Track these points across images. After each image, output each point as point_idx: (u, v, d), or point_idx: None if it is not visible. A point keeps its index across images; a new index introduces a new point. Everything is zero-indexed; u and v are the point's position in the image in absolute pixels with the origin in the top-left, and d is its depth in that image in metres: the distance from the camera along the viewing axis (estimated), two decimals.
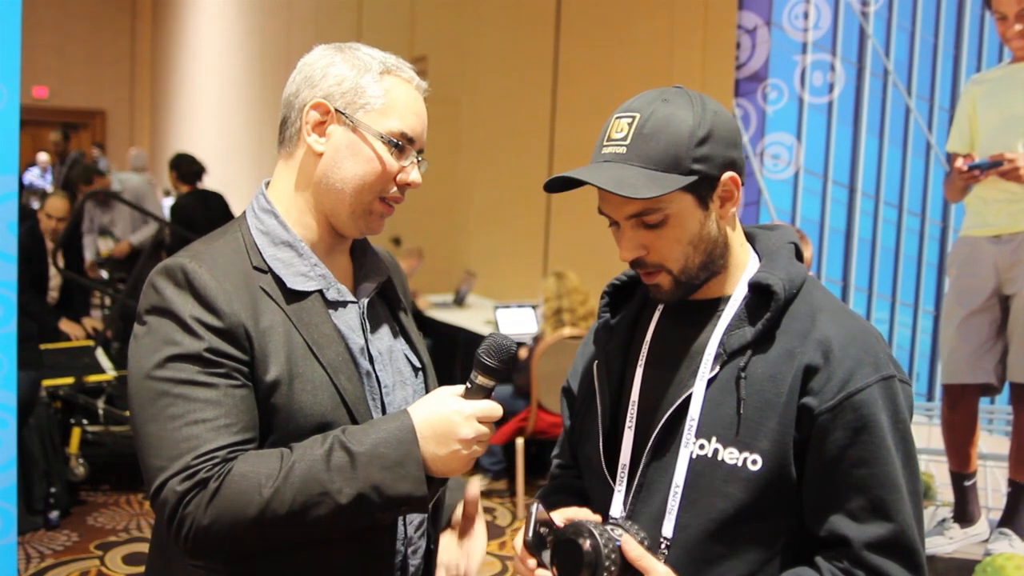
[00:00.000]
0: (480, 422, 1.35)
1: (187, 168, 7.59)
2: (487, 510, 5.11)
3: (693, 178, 1.32)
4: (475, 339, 5.87)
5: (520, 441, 5.06)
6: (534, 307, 5.95)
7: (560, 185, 1.37)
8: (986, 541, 2.73)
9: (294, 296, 1.44)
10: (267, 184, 1.53)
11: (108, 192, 7.24)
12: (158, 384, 1.33)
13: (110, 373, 5.08)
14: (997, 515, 2.72)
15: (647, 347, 1.46)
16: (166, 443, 1.31)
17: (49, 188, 10.71)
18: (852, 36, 2.90)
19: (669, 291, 1.39)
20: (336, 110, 1.44)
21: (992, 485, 2.71)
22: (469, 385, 1.38)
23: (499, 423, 4.93)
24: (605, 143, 1.36)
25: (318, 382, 1.40)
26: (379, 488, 1.31)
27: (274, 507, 1.29)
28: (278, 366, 1.37)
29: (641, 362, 1.46)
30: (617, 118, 1.36)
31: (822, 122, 2.91)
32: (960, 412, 2.73)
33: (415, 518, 1.54)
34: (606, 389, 1.47)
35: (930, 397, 2.82)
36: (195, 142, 14.51)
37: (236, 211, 7.18)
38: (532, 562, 1.30)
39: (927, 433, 2.79)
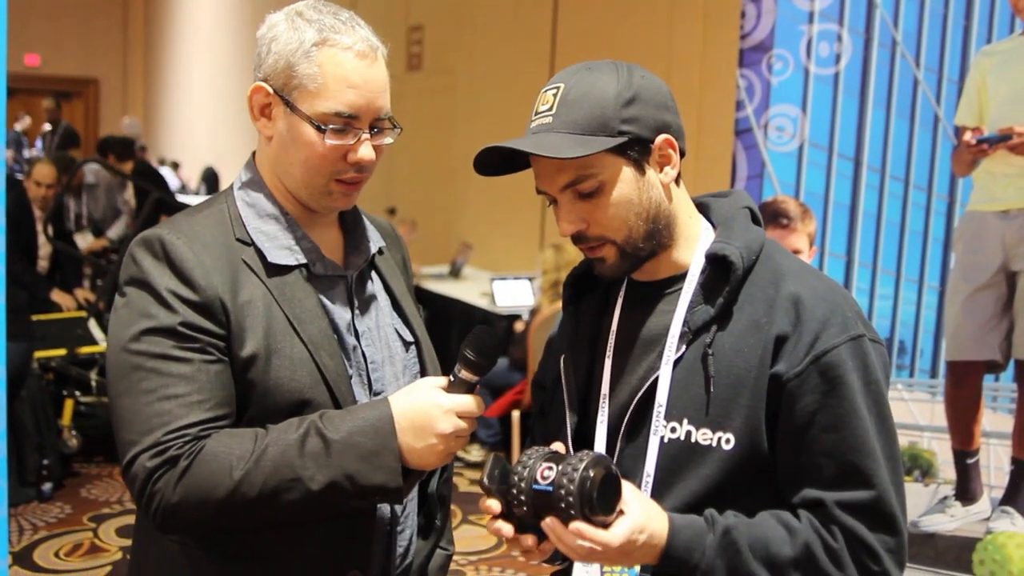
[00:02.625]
0: (460, 417, 1.31)
1: (120, 147, 7.50)
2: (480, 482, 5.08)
3: (622, 139, 1.28)
4: (470, 311, 5.84)
5: (516, 414, 5.04)
6: (530, 279, 5.91)
7: (490, 164, 1.35)
8: (988, 519, 2.69)
9: (277, 270, 1.39)
10: (254, 156, 1.48)
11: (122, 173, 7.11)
12: (133, 357, 1.29)
13: (103, 344, 5.04)
14: (999, 493, 2.69)
15: (613, 337, 1.42)
16: (138, 417, 1.28)
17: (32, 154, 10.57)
18: (860, 6, 2.83)
19: (615, 264, 1.34)
20: (274, 92, 1.38)
21: (995, 463, 2.67)
22: (452, 378, 1.34)
23: (496, 395, 4.85)
24: (533, 117, 1.34)
25: (297, 358, 1.35)
26: (353, 477, 1.27)
27: (244, 490, 1.26)
28: (255, 341, 1.33)
29: (609, 353, 1.41)
30: (543, 92, 1.34)
31: (828, 94, 2.84)
32: (964, 389, 2.68)
33: None
34: (572, 382, 1.43)
35: (934, 374, 2.77)
36: (188, 112, 14.40)
37: (228, 182, 7.08)
38: (494, 504, 1.25)
39: (930, 410, 2.74)
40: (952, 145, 2.75)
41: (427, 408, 1.31)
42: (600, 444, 1.38)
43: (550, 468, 1.16)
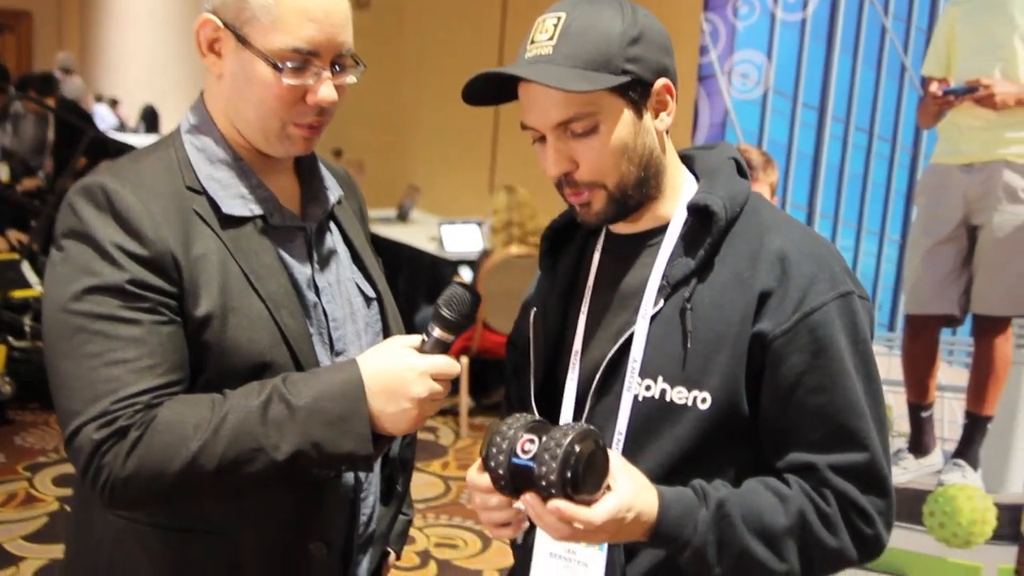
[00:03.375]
0: (435, 380, 1.24)
1: (40, 83, 7.18)
2: (430, 429, 5.05)
3: (626, 79, 1.22)
4: (418, 256, 5.75)
5: (465, 360, 5.00)
6: (479, 224, 5.83)
7: (476, 93, 1.27)
8: (939, 472, 2.72)
9: (231, 221, 1.29)
10: (203, 95, 1.37)
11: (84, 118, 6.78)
12: (75, 318, 1.18)
13: (36, 288, 4.85)
14: (951, 447, 2.72)
15: (589, 291, 1.36)
16: (82, 384, 1.18)
17: None
18: None
19: (600, 211, 1.28)
20: (225, 25, 1.26)
21: (948, 416, 2.69)
22: (425, 338, 1.26)
23: None
24: (529, 45, 1.25)
25: (256, 317, 1.26)
26: (320, 445, 1.19)
27: (202, 462, 1.17)
28: (210, 299, 1.23)
29: (583, 307, 1.36)
30: (541, 20, 1.25)
31: (794, 40, 2.78)
32: (921, 343, 2.69)
33: None
34: (540, 337, 1.37)
35: (892, 327, 2.77)
36: (128, 46, 13.85)
37: (172, 125, 6.84)
38: (482, 480, 1.18)
39: (887, 363, 2.75)
40: (918, 96, 2.71)
41: (400, 370, 1.23)
42: (569, 401, 1.33)
43: (532, 441, 1.09)
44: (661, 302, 1.26)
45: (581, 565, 1.28)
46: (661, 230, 1.31)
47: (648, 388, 1.25)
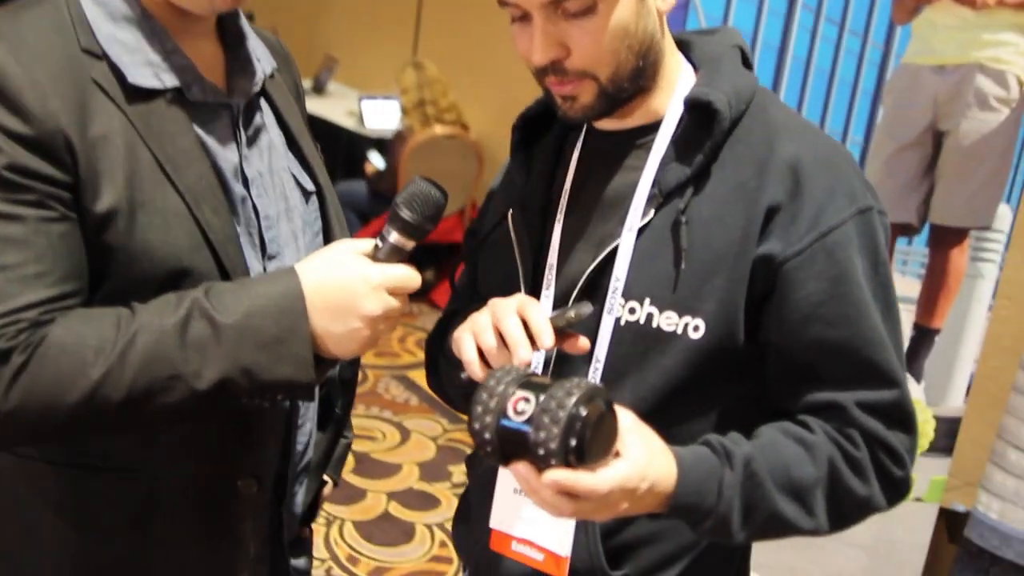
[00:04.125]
0: (391, 294, 1.04)
1: None
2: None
3: None
4: (336, 132, 5.45)
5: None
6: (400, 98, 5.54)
7: None
8: None
9: (139, 95, 1.04)
10: None
11: None
12: None
13: None
14: None
15: (566, 195, 1.18)
16: None
17: None
18: None
19: (588, 105, 1.10)
20: None
21: None
22: (380, 244, 1.06)
23: (363, 221, 4.45)
24: None
25: (171, 214, 1.04)
26: (251, 371, 0.99)
27: (105, 392, 0.96)
28: (114, 191, 1.00)
29: (560, 213, 1.18)
30: None
31: None
32: None
33: None
34: (526, 244, 1.18)
35: None
36: None
37: None
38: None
39: None
40: None
41: (350, 283, 1.02)
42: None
43: (526, 399, 0.89)
44: (651, 213, 1.10)
45: None
46: (652, 128, 1.13)
47: (632, 312, 1.09)
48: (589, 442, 0.86)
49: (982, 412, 2.41)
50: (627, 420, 0.94)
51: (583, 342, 1.05)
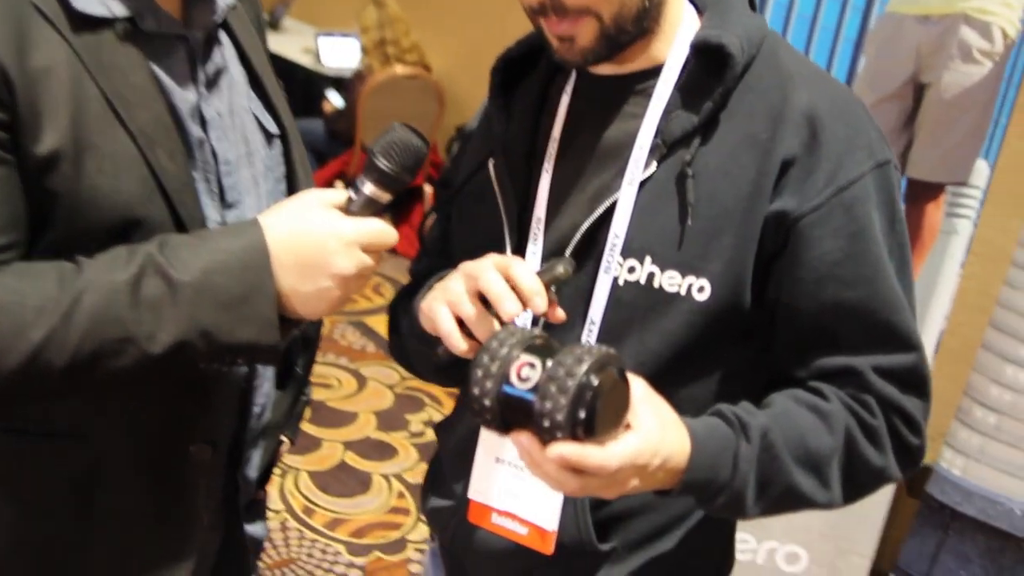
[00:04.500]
0: (365, 251, 0.95)
1: None
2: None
3: None
4: (291, 70, 5.26)
5: (340, 184, 4.68)
6: (359, 37, 5.36)
7: None
8: None
9: (86, 24, 0.93)
10: None
11: None
12: None
13: None
14: None
15: (555, 143, 1.09)
16: None
17: None
18: None
19: (588, 48, 1.01)
20: None
21: None
22: (353, 195, 0.97)
23: (319, 162, 4.30)
24: None
25: (121, 157, 0.94)
26: (210, 333, 0.91)
27: (48, 356, 0.87)
28: (58, 131, 0.90)
29: (548, 165, 1.09)
30: None
31: None
32: None
33: None
34: (511, 195, 1.10)
35: None
36: None
37: None
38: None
39: None
40: None
41: (320, 238, 0.93)
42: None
43: (531, 364, 0.81)
44: (653, 165, 1.02)
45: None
46: (653, 73, 1.05)
47: (632, 271, 1.02)
48: (599, 414, 0.79)
49: (949, 369, 2.40)
50: (639, 389, 0.86)
51: (560, 313, 0.98)
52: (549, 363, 0.80)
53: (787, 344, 1.04)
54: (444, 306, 0.97)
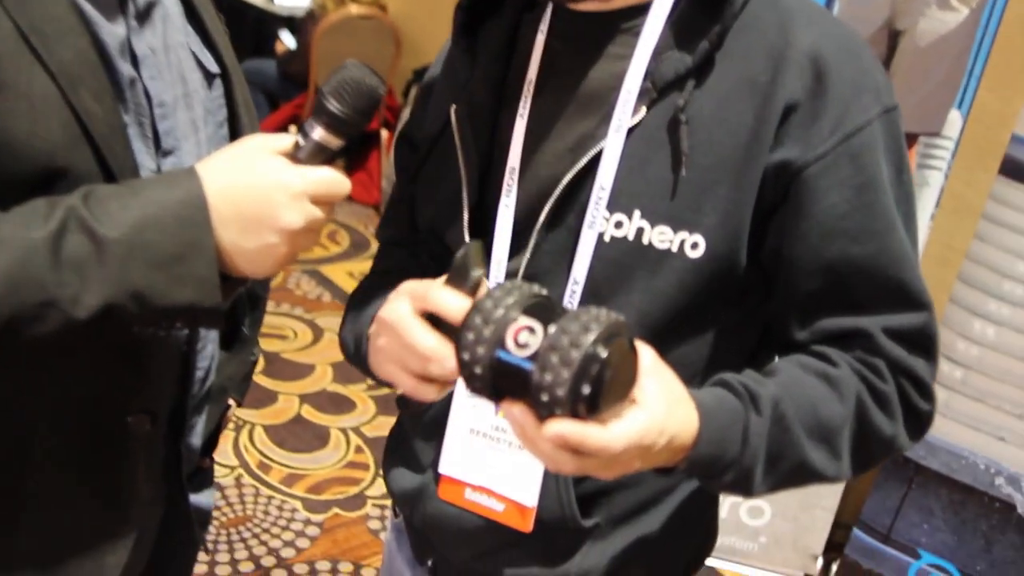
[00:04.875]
0: (314, 203, 0.86)
1: None
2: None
3: None
4: (239, 7, 5.05)
5: (293, 129, 4.53)
6: None
7: None
8: None
9: None
10: None
11: None
12: None
13: None
14: None
15: (531, 85, 1.00)
16: None
17: None
18: None
19: None
20: None
21: None
22: (301, 141, 0.87)
23: (271, 105, 4.13)
24: None
25: (40, 99, 0.83)
26: (143, 296, 0.82)
27: None
28: None
29: (523, 110, 1.00)
30: None
31: None
32: None
33: None
34: (471, 144, 1.01)
35: None
36: None
37: None
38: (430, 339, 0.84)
39: None
40: None
41: (266, 189, 0.84)
42: (503, 236, 0.99)
43: (531, 329, 0.72)
44: (642, 111, 0.93)
45: (515, 448, 0.99)
46: (641, 9, 0.96)
47: (618, 226, 0.93)
48: (605, 390, 0.70)
49: None
50: (647, 359, 0.78)
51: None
52: (551, 329, 0.71)
53: (789, 304, 0.97)
54: (393, 367, 0.87)
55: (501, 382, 0.73)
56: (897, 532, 2.47)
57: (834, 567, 2.59)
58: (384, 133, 4.59)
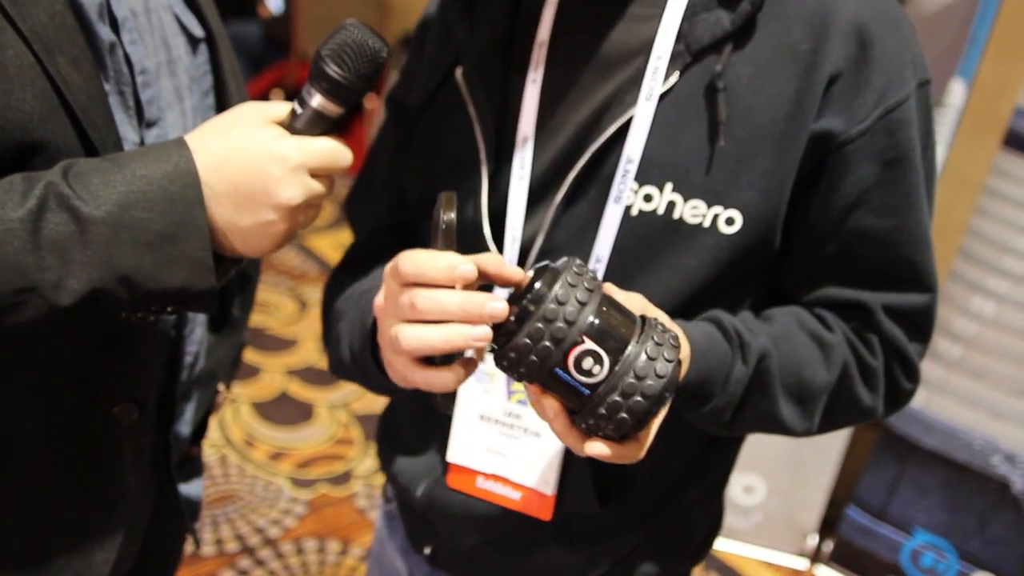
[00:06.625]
0: (314, 176, 0.80)
1: None
2: None
3: None
4: None
5: (279, 94, 4.47)
6: None
7: None
8: None
9: None
10: None
11: None
12: None
13: None
14: None
15: (543, 47, 0.93)
16: None
17: None
18: None
19: None
20: None
21: None
22: (298, 109, 0.80)
23: (255, 69, 4.04)
24: None
25: (12, 66, 0.77)
26: (131, 279, 0.75)
27: None
28: None
29: (535, 75, 0.92)
30: None
31: None
32: None
33: None
34: (487, 109, 0.93)
35: None
36: None
37: None
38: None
39: None
40: None
41: (262, 162, 0.77)
42: (517, 208, 0.92)
43: (596, 356, 0.68)
44: (674, 76, 0.87)
45: (531, 435, 0.95)
46: None
47: (648, 199, 0.87)
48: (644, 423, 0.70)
49: None
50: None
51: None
52: (618, 366, 0.68)
53: (798, 267, 0.93)
54: (412, 366, 0.77)
55: (548, 384, 0.70)
56: (892, 510, 2.45)
57: (828, 545, 2.56)
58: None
